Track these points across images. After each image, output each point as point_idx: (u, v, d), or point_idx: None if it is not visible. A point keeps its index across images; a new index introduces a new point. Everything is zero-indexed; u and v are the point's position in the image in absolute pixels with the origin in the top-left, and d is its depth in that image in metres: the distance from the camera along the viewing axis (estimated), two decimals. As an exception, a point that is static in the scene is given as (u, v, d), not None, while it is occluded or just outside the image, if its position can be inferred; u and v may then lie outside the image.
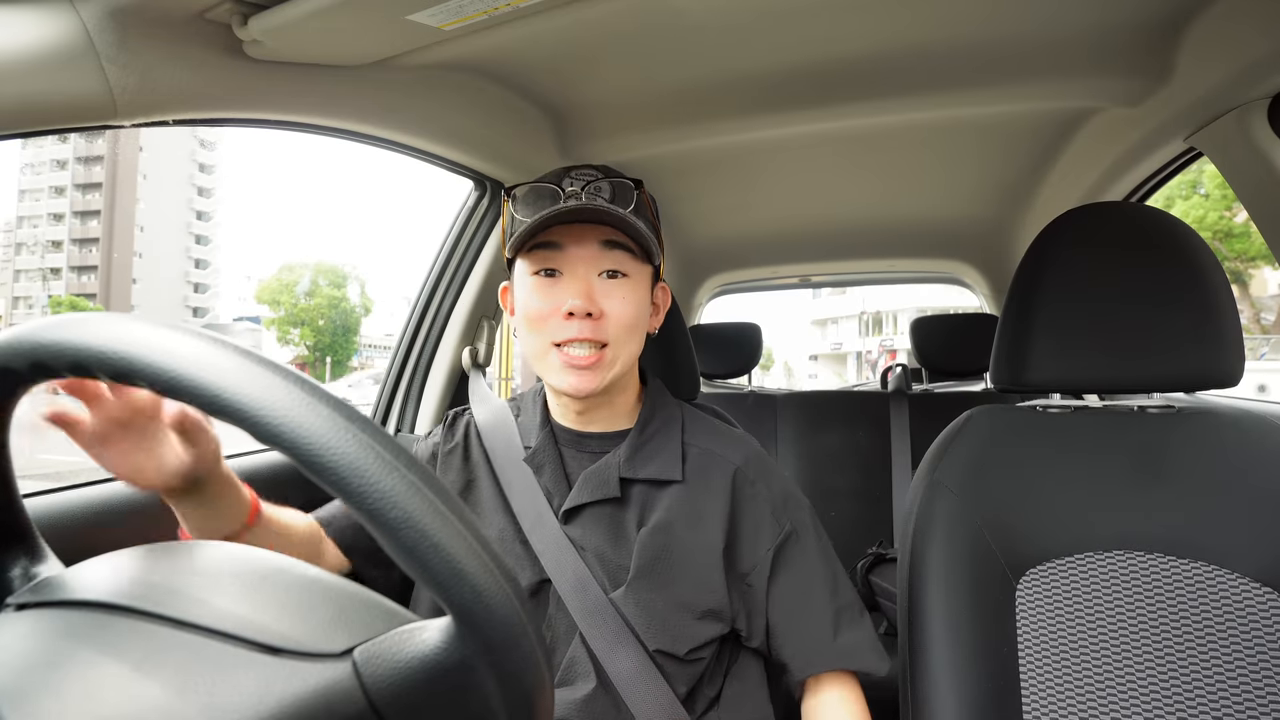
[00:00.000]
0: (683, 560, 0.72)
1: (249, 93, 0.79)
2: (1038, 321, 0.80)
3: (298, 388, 0.28)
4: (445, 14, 0.75)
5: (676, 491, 0.75)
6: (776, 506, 0.77)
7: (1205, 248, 0.77)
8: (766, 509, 0.76)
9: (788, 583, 0.74)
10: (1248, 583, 0.70)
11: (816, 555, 0.76)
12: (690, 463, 0.77)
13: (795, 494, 0.79)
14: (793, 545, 0.76)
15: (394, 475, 0.27)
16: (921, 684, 0.72)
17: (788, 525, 0.76)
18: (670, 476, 0.75)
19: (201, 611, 0.29)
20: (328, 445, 0.27)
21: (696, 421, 0.82)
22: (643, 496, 0.75)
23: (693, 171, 1.52)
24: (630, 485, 0.75)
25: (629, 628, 0.69)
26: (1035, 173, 1.48)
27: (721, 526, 0.73)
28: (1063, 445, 0.79)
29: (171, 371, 0.27)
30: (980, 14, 0.92)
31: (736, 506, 0.75)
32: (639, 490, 0.75)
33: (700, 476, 0.76)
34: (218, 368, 0.27)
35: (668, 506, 0.74)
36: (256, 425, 0.27)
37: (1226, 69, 0.89)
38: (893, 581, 1.43)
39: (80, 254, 44.30)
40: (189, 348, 0.28)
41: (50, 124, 0.64)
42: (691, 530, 0.73)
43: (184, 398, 0.27)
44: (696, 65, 1.05)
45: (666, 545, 0.72)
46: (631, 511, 0.74)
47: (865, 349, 35.48)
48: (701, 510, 0.74)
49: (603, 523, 0.73)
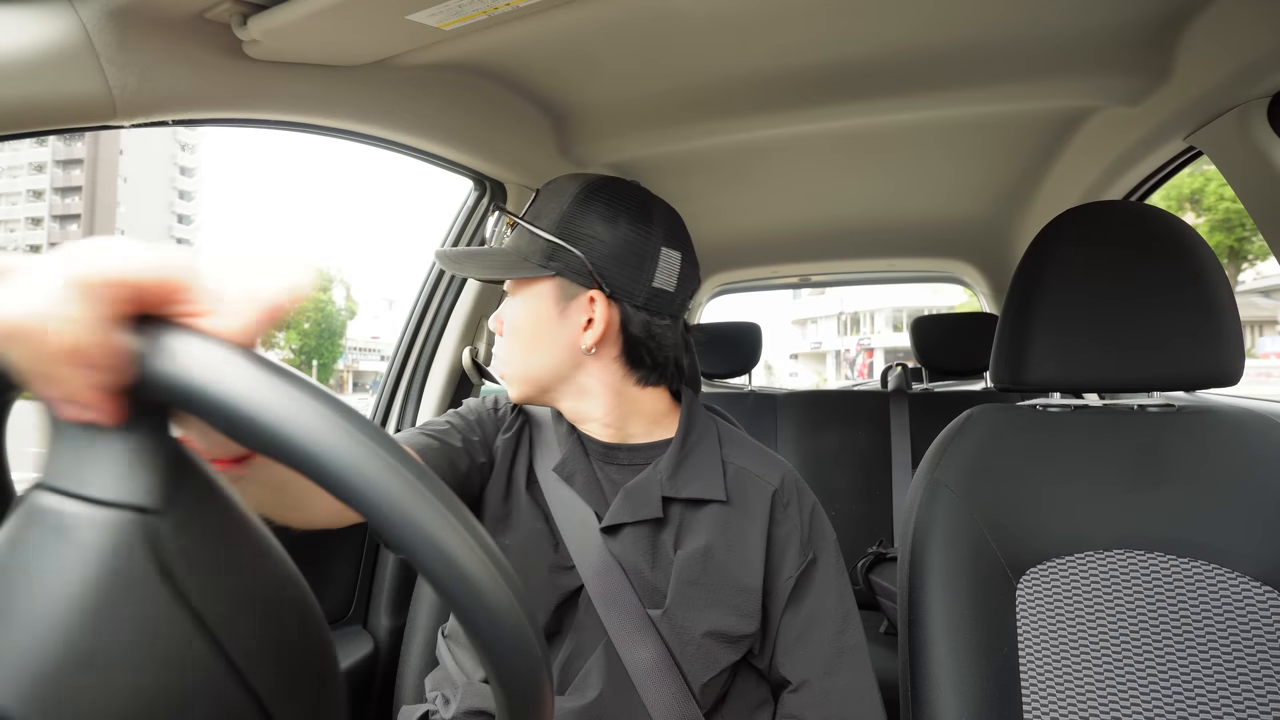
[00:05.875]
0: (721, 585, 0.69)
1: (249, 93, 0.79)
2: (1038, 320, 0.79)
3: (289, 382, 0.27)
4: (445, 14, 0.75)
5: (716, 512, 0.72)
6: (805, 533, 0.73)
7: (1205, 247, 0.77)
8: (796, 535, 0.73)
9: (800, 611, 0.72)
10: (1248, 582, 0.70)
11: (832, 589, 0.73)
12: (730, 481, 0.73)
13: (822, 521, 0.76)
14: (811, 575, 0.72)
15: (394, 475, 0.27)
16: (922, 683, 0.72)
17: (811, 554, 0.73)
18: (714, 496, 0.72)
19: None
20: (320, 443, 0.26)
21: (731, 436, 0.79)
22: (681, 516, 0.72)
23: (693, 171, 1.52)
24: (671, 503, 0.72)
25: (665, 646, 0.69)
26: (1035, 172, 1.48)
27: (761, 552, 0.71)
28: (1063, 444, 0.79)
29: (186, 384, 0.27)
30: (980, 14, 0.92)
31: (773, 531, 0.72)
32: (678, 509, 0.72)
33: (740, 497, 0.73)
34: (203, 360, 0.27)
35: (709, 528, 0.71)
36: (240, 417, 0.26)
37: (1226, 68, 0.89)
38: (893, 581, 1.43)
39: (60, 257, 44.13)
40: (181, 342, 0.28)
41: (50, 124, 0.64)
42: (731, 555, 0.71)
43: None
44: (696, 65, 1.05)
45: (705, 570, 0.70)
46: (669, 531, 0.72)
47: (844, 348, 35.73)
48: (742, 534, 0.72)
49: (641, 541, 0.71)
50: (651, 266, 0.71)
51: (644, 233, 0.71)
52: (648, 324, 0.72)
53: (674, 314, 0.74)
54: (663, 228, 0.73)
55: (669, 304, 0.73)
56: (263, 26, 0.70)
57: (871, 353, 35.21)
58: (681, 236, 0.75)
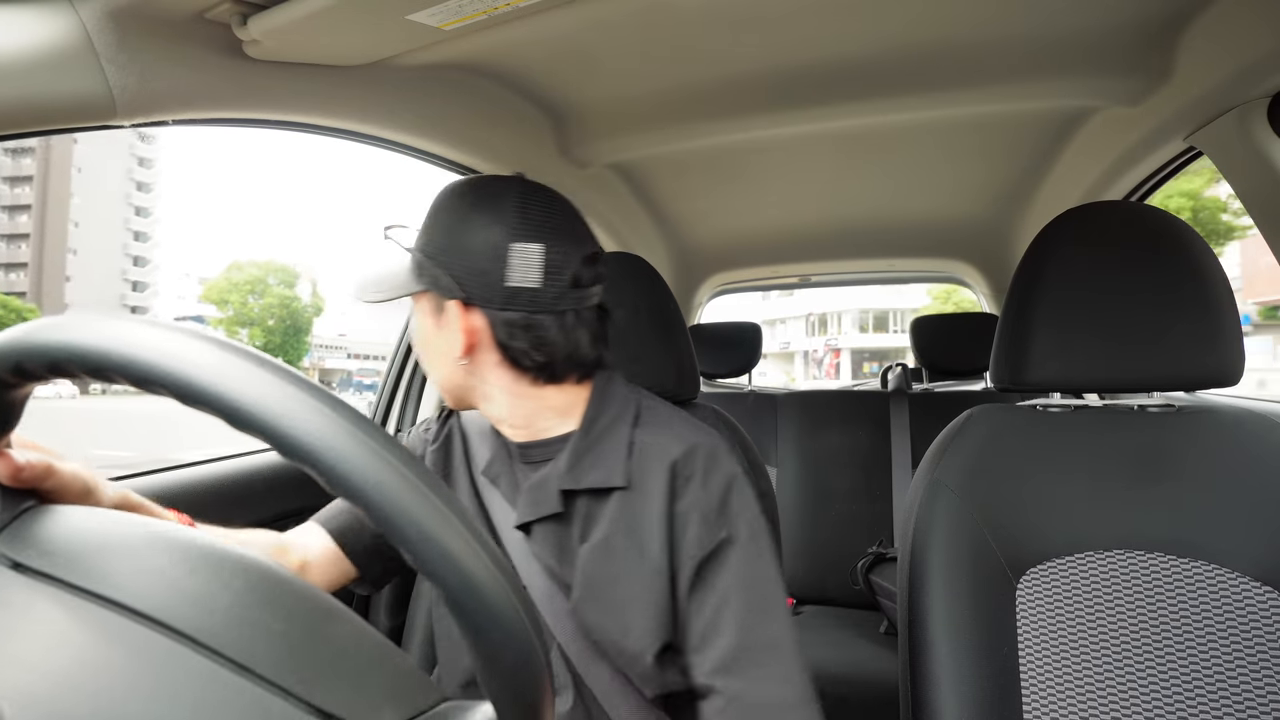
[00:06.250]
0: (626, 578, 0.65)
1: (248, 93, 0.79)
2: (1038, 321, 0.79)
3: (294, 385, 0.28)
4: (445, 14, 0.75)
5: (619, 500, 0.67)
6: (710, 510, 0.66)
7: (1205, 247, 0.77)
8: (698, 510, 0.66)
9: (707, 600, 0.65)
10: (1248, 582, 0.70)
11: (738, 578, 0.65)
12: (634, 463, 0.68)
13: (741, 498, 0.68)
14: (720, 558, 0.65)
15: (387, 469, 0.27)
16: (921, 683, 0.72)
17: (722, 534, 0.65)
18: (613, 483, 0.67)
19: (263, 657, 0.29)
20: (334, 449, 0.27)
21: (652, 415, 0.72)
22: (586, 508, 0.68)
23: (693, 171, 1.52)
24: (574, 497, 0.68)
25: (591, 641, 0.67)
26: (1035, 172, 1.48)
27: (661, 534, 0.65)
28: (1063, 444, 0.79)
29: (148, 364, 0.27)
30: (980, 14, 0.92)
31: (673, 507, 0.66)
32: (583, 501, 0.68)
33: (641, 477, 0.68)
34: (195, 360, 0.27)
35: (610, 518, 0.67)
36: (238, 416, 0.27)
37: (1226, 68, 0.89)
38: (893, 581, 1.43)
39: (9, 250, 42.12)
40: (171, 341, 0.28)
41: (50, 124, 0.64)
42: (632, 543, 0.66)
43: (164, 390, 0.27)
44: (696, 65, 1.05)
45: (607, 564, 0.66)
46: (575, 526, 0.69)
47: (811, 348, 36.02)
48: (640, 517, 0.66)
49: (550, 539, 0.69)
50: (502, 266, 0.65)
51: (491, 231, 0.66)
52: (517, 324, 0.66)
53: (553, 309, 0.67)
54: (513, 223, 0.66)
55: (538, 301, 0.66)
56: (263, 26, 0.71)
57: (838, 353, 35.67)
58: (546, 225, 0.67)
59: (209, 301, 35.61)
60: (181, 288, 50.51)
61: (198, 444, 8.33)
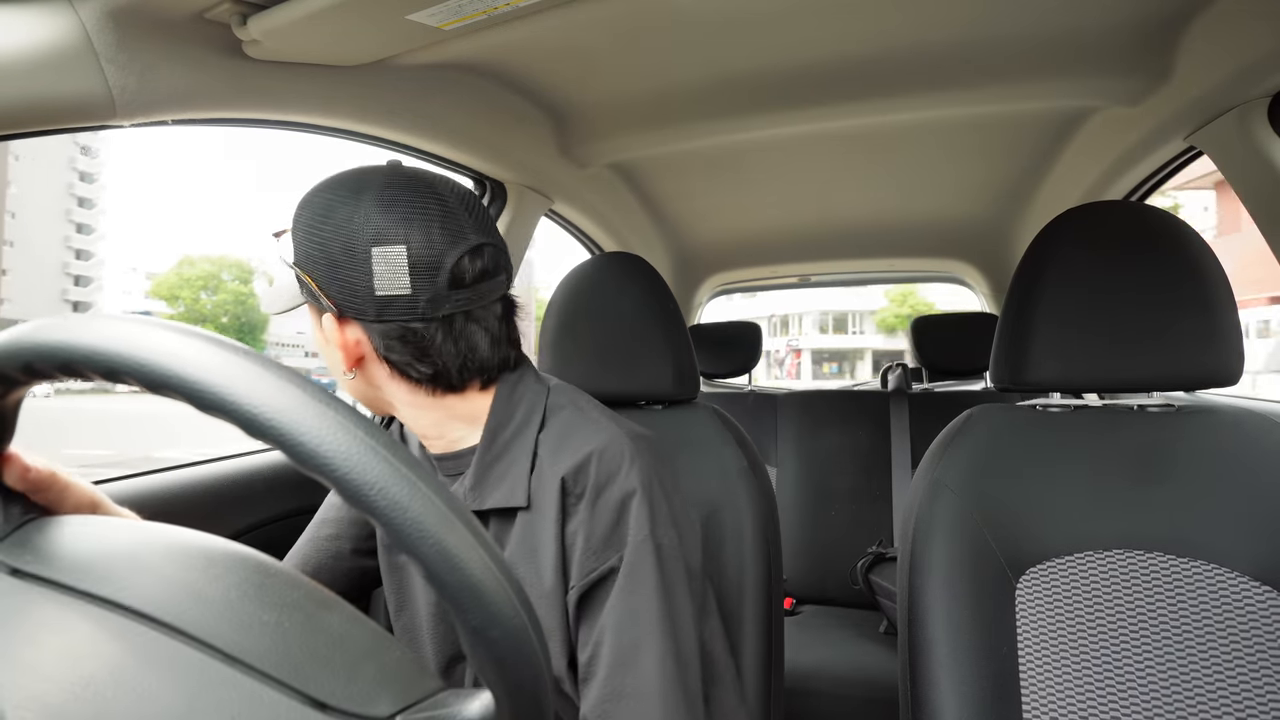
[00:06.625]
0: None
1: (248, 92, 0.79)
2: (1038, 321, 0.79)
3: (296, 386, 0.28)
4: (445, 14, 0.75)
5: (521, 520, 0.62)
6: (595, 534, 0.59)
7: (1205, 247, 0.77)
8: (582, 533, 0.59)
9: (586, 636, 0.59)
10: (1248, 582, 0.70)
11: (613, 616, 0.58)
12: (535, 477, 0.62)
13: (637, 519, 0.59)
14: (599, 591, 0.59)
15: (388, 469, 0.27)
16: (921, 683, 0.72)
17: (607, 562, 0.59)
18: (514, 503, 0.61)
19: (254, 648, 0.29)
20: (342, 453, 0.27)
21: (558, 415, 0.65)
22: (496, 529, 0.63)
23: (693, 171, 1.52)
24: (482, 518, 0.63)
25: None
26: (1035, 172, 1.48)
27: (554, 557, 0.60)
28: (1063, 444, 0.79)
29: (160, 368, 0.27)
30: (980, 13, 0.92)
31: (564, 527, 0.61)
32: (492, 523, 0.63)
33: (539, 494, 0.62)
34: (205, 363, 0.27)
35: (515, 540, 0.62)
36: (254, 425, 0.27)
37: (1226, 68, 0.89)
38: (893, 581, 1.43)
39: (-63, 243, 38.50)
40: (181, 344, 0.28)
41: (49, 124, 0.64)
42: (531, 567, 0.61)
43: (172, 393, 0.27)
44: (696, 65, 1.05)
45: None
46: None
47: (773, 348, 36.35)
48: (536, 545, 0.61)
49: None
50: (364, 272, 0.58)
51: (347, 236, 0.58)
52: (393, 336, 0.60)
53: (430, 316, 0.60)
54: (374, 222, 0.58)
55: (412, 307, 0.59)
56: (262, 26, 0.70)
57: (799, 354, 36.21)
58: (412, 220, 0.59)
59: (158, 297, 34.28)
60: (127, 283, 47.74)
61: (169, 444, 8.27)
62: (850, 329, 37.19)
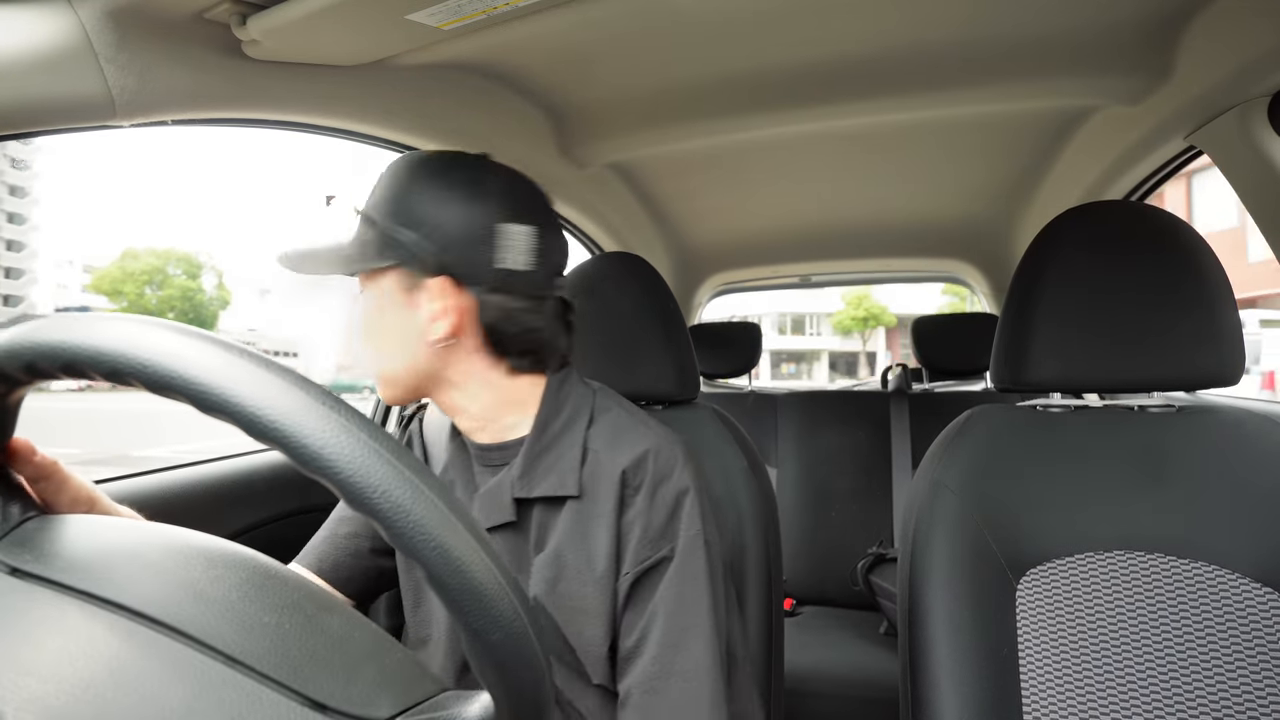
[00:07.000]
0: (579, 591, 0.63)
1: (248, 93, 0.79)
2: (1038, 321, 0.79)
3: (300, 388, 0.28)
4: (444, 14, 0.75)
5: (571, 509, 0.65)
6: (652, 525, 0.63)
7: (1206, 247, 0.77)
8: (640, 524, 0.63)
9: (639, 616, 0.63)
10: (1248, 583, 0.70)
11: (665, 601, 0.62)
12: (586, 471, 0.65)
13: (690, 514, 0.65)
14: (652, 578, 0.63)
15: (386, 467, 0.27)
16: (921, 684, 0.72)
17: (661, 551, 0.63)
18: (565, 492, 0.64)
19: (254, 649, 0.29)
20: (345, 456, 0.27)
21: (607, 417, 0.69)
22: (541, 516, 0.66)
23: (693, 171, 1.52)
24: (528, 505, 0.66)
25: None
26: (1035, 171, 1.48)
27: (609, 545, 0.63)
28: (1063, 445, 0.79)
29: (163, 369, 0.27)
30: (980, 12, 0.92)
31: (620, 518, 0.64)
32: (537, 510, 0.66)
33: (593, 485, 0.65)
34: (208, 364, 0.27)
35: (563, 528, 0.65)
36: (256, 427, 0.27)
37: (1226, 67, 0.89)
38: (893, 581, 1.43)
39: None
40: (184, 345, 0.28)
41: (49, 124, 0.64)
42: (582, 554, 0.64)
43: (175, 394, 0.27)
44: (696, 65, 1.05)
45: (559, 576, 0.64)
46: (530, 534, 0.66)
47: None
48: (590, 532, 0.64)
49: (505, 547, 0.67)
50: (490, 246, 0.63)
51: (477, 210, 0.63)
52: (503, 308, 0.64)
53: (537, 294, 0.65)
54: (500, 202, 0.64)
55: (528, 283, 0.64)
56: (262, 26, 0.70)
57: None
58: (534, 208, 0.66)
59: (99, 292, 32.64)
60: (63, 276, 44.22)
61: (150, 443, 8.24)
62: (808, 330, 37.56)
